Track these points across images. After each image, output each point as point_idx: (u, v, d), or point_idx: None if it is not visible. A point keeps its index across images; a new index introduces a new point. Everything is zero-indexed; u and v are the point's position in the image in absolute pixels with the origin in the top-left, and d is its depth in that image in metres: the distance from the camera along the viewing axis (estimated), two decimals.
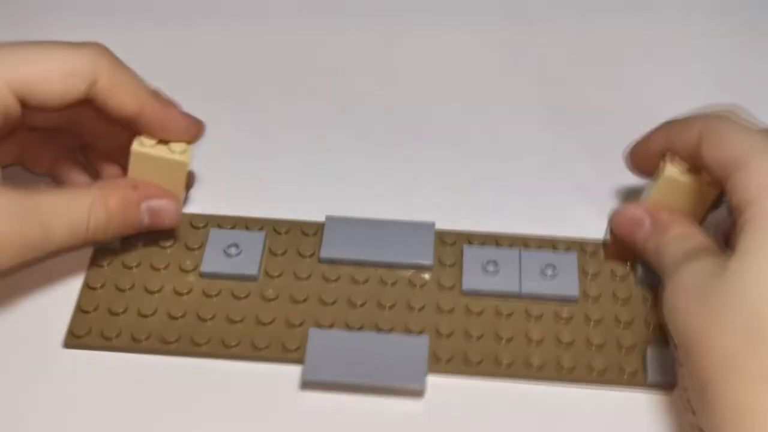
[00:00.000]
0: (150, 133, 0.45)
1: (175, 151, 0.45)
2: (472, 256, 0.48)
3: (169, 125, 0.45)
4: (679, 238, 0.43)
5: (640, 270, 0.47)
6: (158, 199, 0.46)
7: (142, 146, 0.45)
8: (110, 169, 0.49)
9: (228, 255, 0.47)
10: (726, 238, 0.44)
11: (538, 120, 0.56)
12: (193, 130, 0.46)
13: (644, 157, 0.46)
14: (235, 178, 0.52)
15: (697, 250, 0.42)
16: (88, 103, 0.44)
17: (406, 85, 0.58)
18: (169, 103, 0.45)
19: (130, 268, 0.47)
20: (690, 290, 0.39)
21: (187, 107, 0.50)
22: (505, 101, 0.57)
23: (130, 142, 0.45)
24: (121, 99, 0.44)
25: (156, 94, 0.45)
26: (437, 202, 0.51)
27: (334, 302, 0.46)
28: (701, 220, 0.45)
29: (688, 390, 0.41)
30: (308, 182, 0.52)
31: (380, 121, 0.56)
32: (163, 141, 0.45)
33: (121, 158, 0.47)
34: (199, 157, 0.52)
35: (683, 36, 0.61)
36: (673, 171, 0.44)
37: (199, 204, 0.50)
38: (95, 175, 0.49)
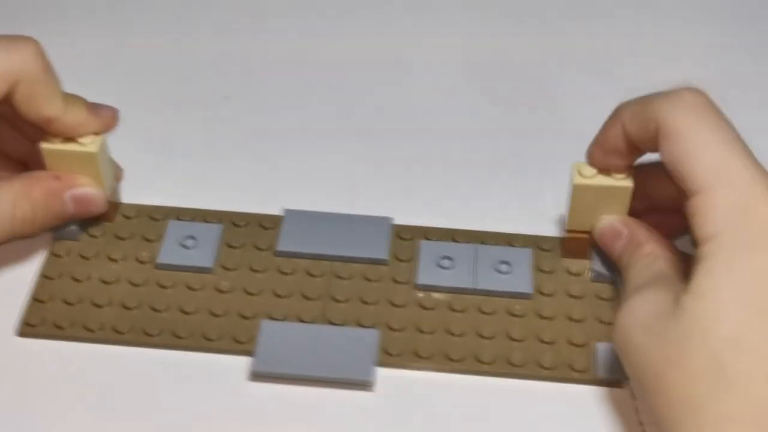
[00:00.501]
0: (60, 137, 0.45)
1: (84, 142, 0.45)
2: (427, 251, 0.48)
3: (79, 132, 0.45)
4: (646, 258, 0.43)
5: (595, 267, 0.47)
6: (81, 187, 0.46)
7: (50, 143, 0.46)
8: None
9: (185, 247, 0.48)
10: None
11: (504, 117, 0.56)
12: (106, 127, 0.46)
13: (603, 156, 0.44)
14: (196, 172, 0.53)
15: (658, 277, 0.41)
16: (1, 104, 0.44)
17: (366, 81, 0.58)
18: (83, 108, 0.45)
19: (88, 258, 0.48)
20: (645, 326, 0.39)
21: (147, 100, 0.51)
22: (466, 98, 0.57)
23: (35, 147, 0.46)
24: (37, 106, 0.43)
25: (73, 101, 0.45)
26: (397, 198, 0.51)
27: (287, 295, 0.46)
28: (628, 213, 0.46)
29: (644, 425, 0.40)
30: (269, 177, 0.52)
31: (341, 116, 0.56)
32: None
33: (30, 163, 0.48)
34: (161, 149, 0.53)
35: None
36: (581, 180, 0.45)
37: (159, 196, 0.50)
38: None
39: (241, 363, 0.44)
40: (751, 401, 0.35)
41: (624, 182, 0.45)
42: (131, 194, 0.50)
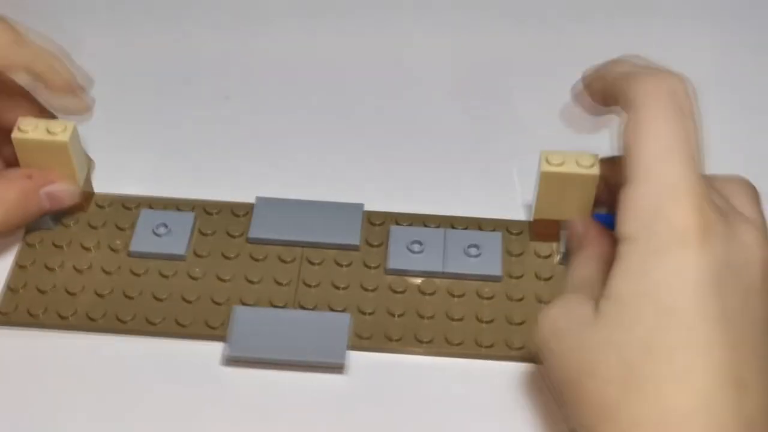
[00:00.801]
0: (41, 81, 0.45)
1: (56, 132, 0.46)
2: (398, 236, 0.48)
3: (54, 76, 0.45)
4: (582, 260, 0.43)
5: (563, 250, 0.48)
6: (55, 183, 0.47)
7: (21, 132, 0.46)
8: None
9: (157, 235, 0.48)
10: None
11: (474, 107, 0.57)
12: (78, 97, 0.46)
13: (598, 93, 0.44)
14: (169, 161, 0.53)
15: (584, 282, 0.41)
16: None
17: (335, 69, 0.58)
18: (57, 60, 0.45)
19: (61, 247, 0.48)
20: (563, 334, 0.39)
21: (130, 95, 0.51)
22: (438, 89, 0.58)
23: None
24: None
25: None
26: (369, 185, 0.52)
27: (259, 281, 0.47)
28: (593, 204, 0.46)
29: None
30: (241, 165, 0.53)
31: (312, 104, 0.56)
32: (44, 122, 0.46)
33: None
34: (134, 139, 0.54)
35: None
36: (548, 167, 0.45)
37: (132, 186, 0.51)
38: None
39: (214, 348, 0.45)
40: (661, 404, 0.36)
41: (590, 170, 0.45)
42: (106, 184, 0.51)
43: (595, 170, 0.45)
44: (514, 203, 0.51)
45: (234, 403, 0.43)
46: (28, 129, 0.46)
